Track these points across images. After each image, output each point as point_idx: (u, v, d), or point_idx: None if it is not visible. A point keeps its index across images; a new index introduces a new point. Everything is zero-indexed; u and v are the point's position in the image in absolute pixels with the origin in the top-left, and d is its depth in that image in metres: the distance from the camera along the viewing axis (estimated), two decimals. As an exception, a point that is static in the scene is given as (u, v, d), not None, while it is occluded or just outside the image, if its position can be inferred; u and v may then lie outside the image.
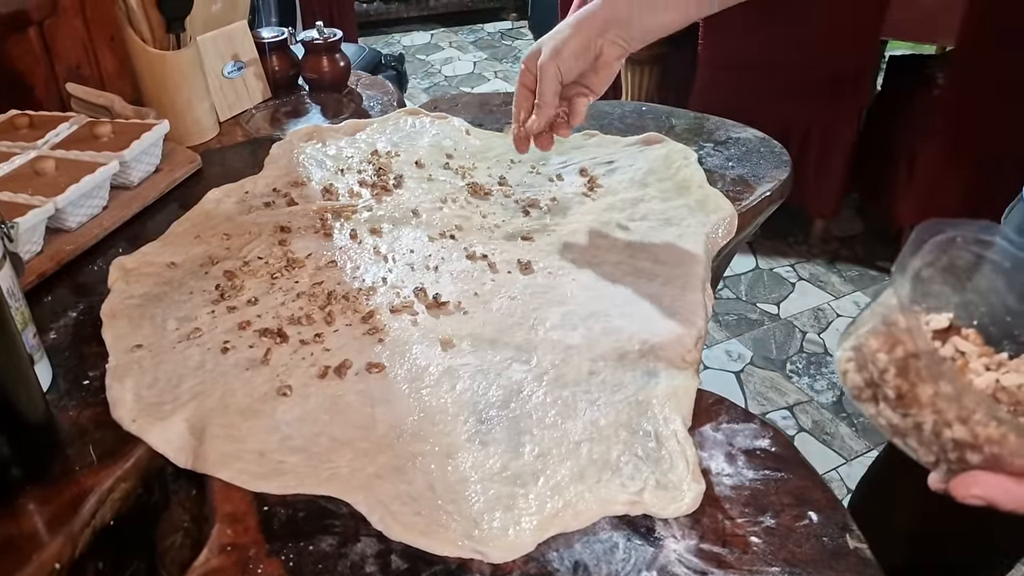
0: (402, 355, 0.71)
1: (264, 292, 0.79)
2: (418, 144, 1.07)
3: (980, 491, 0.40)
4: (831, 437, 1.82)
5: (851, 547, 0.55)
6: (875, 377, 0.43)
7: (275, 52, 1.25)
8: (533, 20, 4.21)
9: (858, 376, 0.44)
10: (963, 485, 0.41)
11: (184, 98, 1.08)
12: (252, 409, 0.66)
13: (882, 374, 0.42)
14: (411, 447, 0.62)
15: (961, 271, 0.47)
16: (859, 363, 0.44)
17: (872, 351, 0.43)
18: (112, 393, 0.67)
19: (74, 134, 0.98)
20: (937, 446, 0.41)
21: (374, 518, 0.57)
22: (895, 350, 0.42)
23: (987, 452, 0.40)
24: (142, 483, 0.63)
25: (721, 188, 0.94)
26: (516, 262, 0.83)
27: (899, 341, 0.42)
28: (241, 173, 1.01)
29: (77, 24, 1.12)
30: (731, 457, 0.62)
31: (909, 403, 0.41)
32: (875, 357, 0.43)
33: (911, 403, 0.41)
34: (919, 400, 0.41)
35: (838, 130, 2.21)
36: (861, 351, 0.44)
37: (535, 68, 0.81)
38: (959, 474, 0.41)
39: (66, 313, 0.79)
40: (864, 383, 0.44)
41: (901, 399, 0.42)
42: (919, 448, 0.42)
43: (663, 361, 0.69)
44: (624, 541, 0.55)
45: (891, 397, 0.42)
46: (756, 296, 2.28)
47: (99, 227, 0.90)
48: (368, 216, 0.92)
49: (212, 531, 0.57)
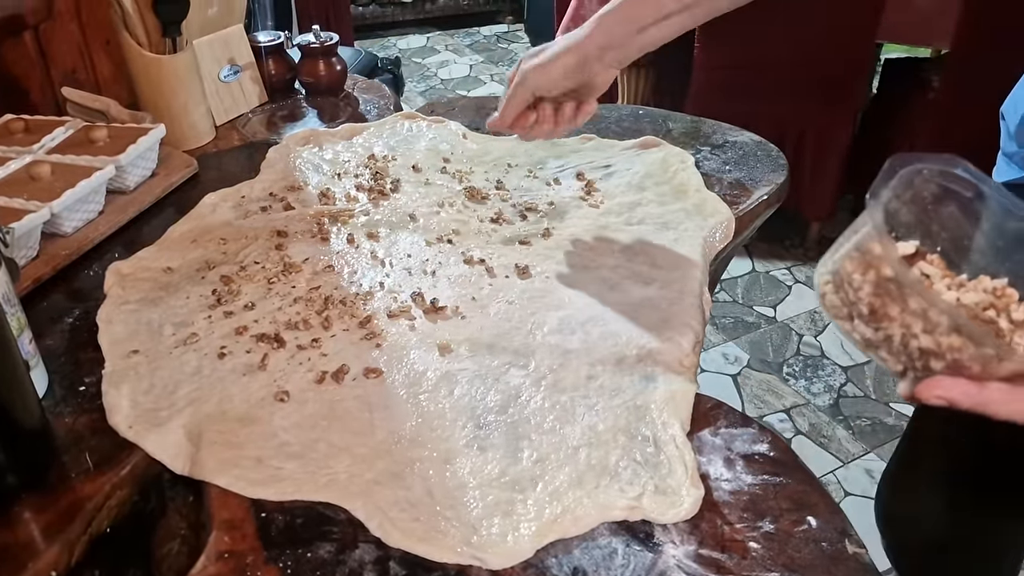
0: (400, 360, 0.71)
1: (261, 297, 0.79)
2: (415, 148, 1.07)
3: (942, 392, 0.45)
4: (828, 440, 1.82)
5: (850, 552, 0.55)
6: (850, 296, 0.48)
7: (271, 56, 1.25)
8: (529, 23, 4.21)
9: (835, 296, 0.49)
10: (927, 388, 0.46)
11: (180, 102, 1.08)
12: (249, 415, 0.65)
13: (856, 292, 0.47)
14: (409, 453, 0.62)
15: (926, 201, 0.52)
16: (836, 284, 0.49)
17: (848, 273, 0.48)
18: (108, 399, 0.67)
19: (70, 138, 0.98)
20: (905, 356, 0.47)
21: (372, 524, 0.56)
22: (868, 272, 0.47)
23: (949, 359, 0.45)
24: (139, 490, 0.62)
25: (718, 192, 0.94)
26: (514, 266, 0.83)
27: (872, 264, 0.47)
28: (238, 177, 1.01)
29: (73, 28, 1.12)
30: (730, 462, 0.62)
31: (880, 318, 0.47)
32: (851, 278, 0.48)
33: (882, 318, 0.46)
34: (889, 315, 0.46)
35: (833, 133, 2.21)
36: (838, 274, 0.49)
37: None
38: (924, 380, 0.46)
39: (62, 319, 0.79)
40: (841, 302, 0.49)
41: (873, 314, 0.47)
42: (889, 359, 0.48)
43: (661, 366, 0.69)
44: (623, 547, 0.55)
45: (864, 313, 0.47)
46: (752, 299, 2.28)
47: (95, 232, 0.90)
48: (365, 220, 0.91)
49: (209, 538, 0.57)
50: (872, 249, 0.46)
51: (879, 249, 0.46)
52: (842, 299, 0.49)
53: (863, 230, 0.47)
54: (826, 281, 0.50)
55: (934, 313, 0.44)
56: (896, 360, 0.47)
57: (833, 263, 0.50)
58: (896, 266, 0.45)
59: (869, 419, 1.87)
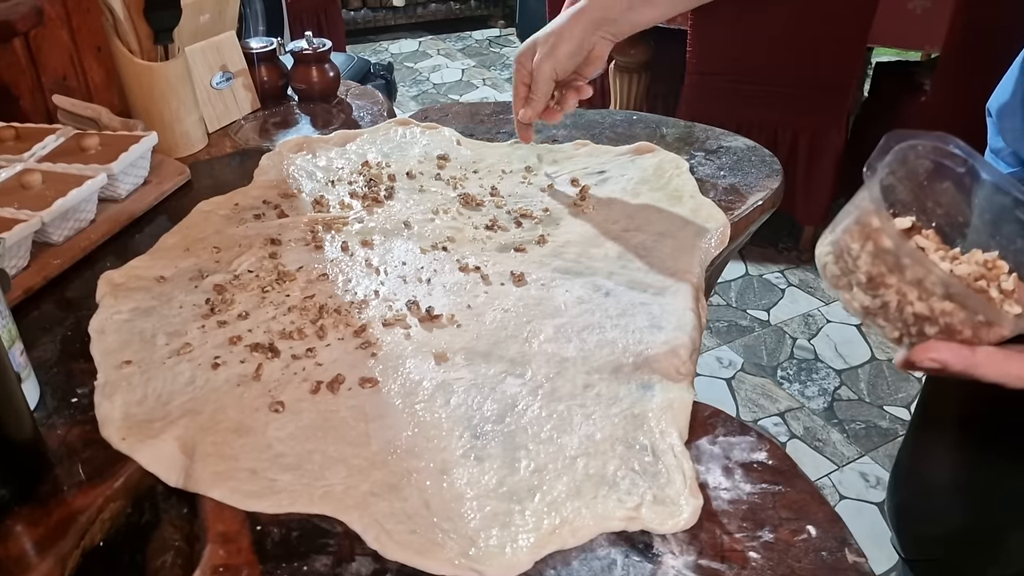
0: (395, 369, 0.71)
1: (255, 306, 0.79)
2: (409, 155, 1.06)
3: (935, 354, 0.48)
4: (823, 444, 1.82)
5: (850, 561, 0.54)
6: (849, 265, 0.50)
7: (264, 63, 1.24)
8: (520, 27, 4.22)
9: (835, 266, 0.52)
10: (922, 350, 0.48)
11: (172, 109, 1.07)
12: (244, 426, 0.65)
13: (855, 262, 0.50)
14: (406, 463, 0.61)
15: (920, 177, 0.55)
16: (836, 255, 0.52)
17: (847, 244, 0.51)
18: (101, 411, 0.67)
19: (61, 147, 0.97)
20: (901, 322, 0.49)
21: (369, 537, 0.56)
22: (867, 243, 0.49)
23: (942, 323, 0.47)
24: (132, 503, 0.62)
25: (713, 197, 0.94)
26: (509, 274, 0.82)
27: (870, 236, 0.49)
28: (230, 185, 1.00)
29: (63, 35, 1.11)
30: (728, 471, 0.61)
31: (877, 286, 0.49)
32: (850, 248, 0.50)
33: (879, 286, 0.49)
34: (886, 283, 0.49)
35: (825, 137, 2.22)
36: (838, 245, 0.52)
37: (530, 65, 0.88)
38: (918, 345, 0.49)
39: (54, 329, 0.78)
40: (840, 272, 0.52)
41: (871, 282, 0.49)
42: (886, 325, 0.50)
43: (658, 373, 0.69)
44: (622, 558, 0.55)
45: (863, 282, 0.50)
46: (746, 303, 2.28)
47: (87, 241, 0.89)
48: (359, 228, 0.91)
49: (204, 552, 0.56)
50: (870, 222, 0.49)
51: (877, 221, 0.48)
52: (842, 268, 0.51)
53: (862, 204, 0.50)
54: (827, 252, 0.53)
55: (929, 281, 0.47)
56: (893, 327, 0.50)
57: (834, 235, 0.52)
58: (893, 237, 0.48)
59: (863, 422, 1.87)
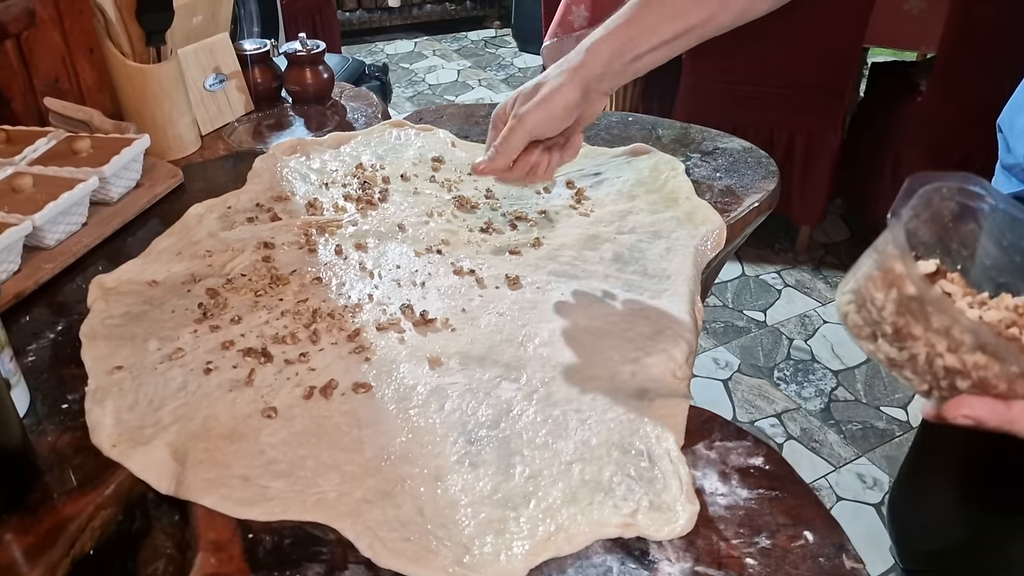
0: (389, 374, 0.70)
1: (248, 310, 0.78)
2: (403, 157, 1.06)
3: (969, 411, 0.45)
4: (820, 445, 1.82)
5: (848, 567, 0.54)
6: (873, 315, 0.48)
7: (257, 64, 1.24)
8: (516, 28, 4.21)
9: (858, 316, 0.49)
10: (954, 406, 0.45)
11: (165, 112, 1.06)
12: (236, 432, 0.64)
13: (880, 312, 0.47)
14: (399, 470, 0.61)
15: (945, 220, 0.52)
16: (859, 304, 0.49)
17: (870, 292, 0.48)
18: (92, 417, 0.66)
19: (52, 149, 0.96)
20: (930, 375, 0.46)
21: (362, 545, 0.55)
22: (891, 291, 0.46)
23: (975, 377, 0.44)
24: (123, 510, 0.61)
25: (709, 199, 0.93)
26: (504, 277, 0.82)
27: (895, 283, 0.46)
28: (223, 188, 1.00)
29: (55, 37, 1.10)
30: (725, 476, 0.61)
31: (904, 337, 0.46)
32: (873, 297, 0.47)
33: (906, 337, 0.46)
34: (913, 334, 0.46)
35: (821, 137, 2.21)
36: (860, 293, 0.49)
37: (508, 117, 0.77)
38: (950, 399, 0.46)
39: (44, 334, 0.77)
40: (864, 322, 0.48)
41: (897, 334, 0.46)
42: (914, 378, 0.47)
43: (654, 377, 0.68)
44: (618, 565, 0.54)
45: (888, 333, 0.47)
46: (743, 303, 2.28)
47: (78, 245, 0.88)
48: (353, 231, 0.90)
49: (196, 560, 0.55)
50: (894, 268, 0.46)
51: (901, 267, 0.46)
52: (865, 318, 0.48)
53: (885, 249, 0.47)
54: (848, 301, 0.50)
55: (958, 331, 0.44)
56: (921, 380, 0.47)
57: (855, 282, 0.50)
58: (919, 284, 0.45)
59: (860, 423, 1.87)
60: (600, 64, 0.73)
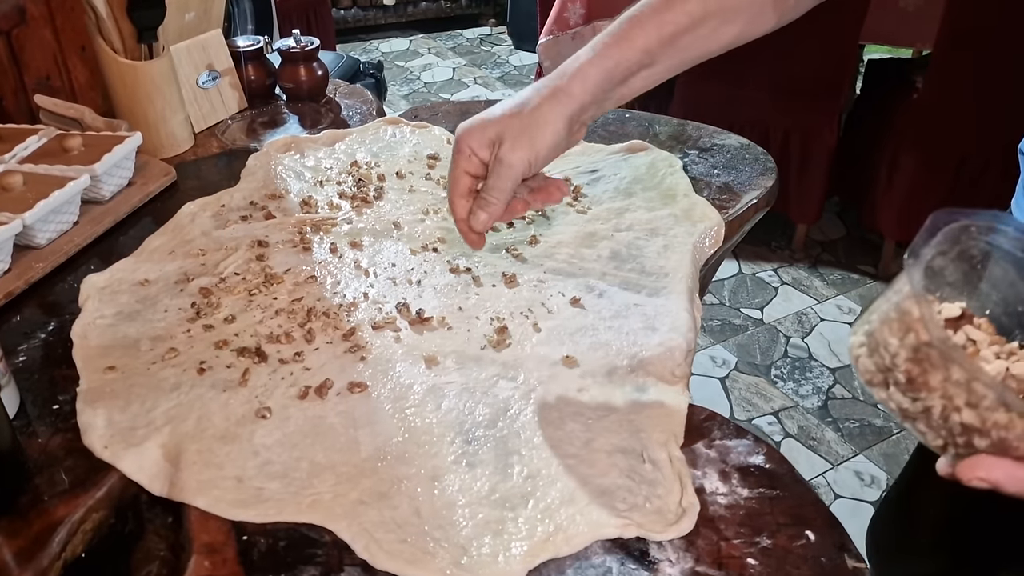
0: (385, 373, 0.69)
1: (242, 310, 0.77)
2: (399, 154, 1.05)
3: (985, 473, 0.41)
4: (817, 442, 1.81)
5: (849, 567, 0.53)
6: (887, 362, 0.44)
7: (251, 61, 1.23)
8: (511, 26, 4.20)
9: (870, 361, 0.45)
10: (969, 468, 0.42)
11: (157, 109, 1.05)
12: (230, 433, 0.63)
13: (893, 359, 0.43)
14: (396, 470, 0.60)
15: (974, 260, 0.48)
16: (871, 348, 0.45)
17: (884, 338, 0.44)
18: (83, 418, 0.65)
19: (43, 147, 0.95)
20: (945, 430, 0.42)
21: (358, 546, 0.55)
22: (907, 337, 0.43)
23: (994, 437, 0.41)
24: (115, 512, 0.60)
25: (707, 196, 0.92)
26: (500, 275, 0.81)
27: (911, 328, 0.43)
28: (217, 186, 0.99)
29: (46, 34, 1.09)
30: (725, 475, 0.60)
31: (919, 388, 0.42)
32: (887, 343, 0.44)
33: (921, 388, 0.42)
34: (929, 385, 0.42)
35: (818, 134, 2.21)
36: (873, 337, 0.45)
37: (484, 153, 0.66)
38: (966, 458, 0.42)
39: (35, 334, 0.76)
40: (876, 368, 0.45)
41: (911, 383, 0.43)
42: (927, 432, 0.44)
43: (653, 376, 0.68)
44: (618, 566, 0.54)
45: (901, 382, 0.43)
46: (739, 301, 2.27)
47: (70, 244, 0.87)
48: (348, 229, 0.90)
49: (189, 563, 0.55)
50: (910, 311, 0.43)
51: (917, 312, 0.42)
52: (877, 364, 0.45)
53: (901, 290, 0.44)
54: (860, 344, 0.46)
55: (979, 385, 0.40)
56: (936, 434, 0.43)
57: (868, 325, 0.46)
58: (935, 330, 0.41)
59: (858, 421, 1.87)
60: (585, 91, 0.65)
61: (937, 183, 2.11)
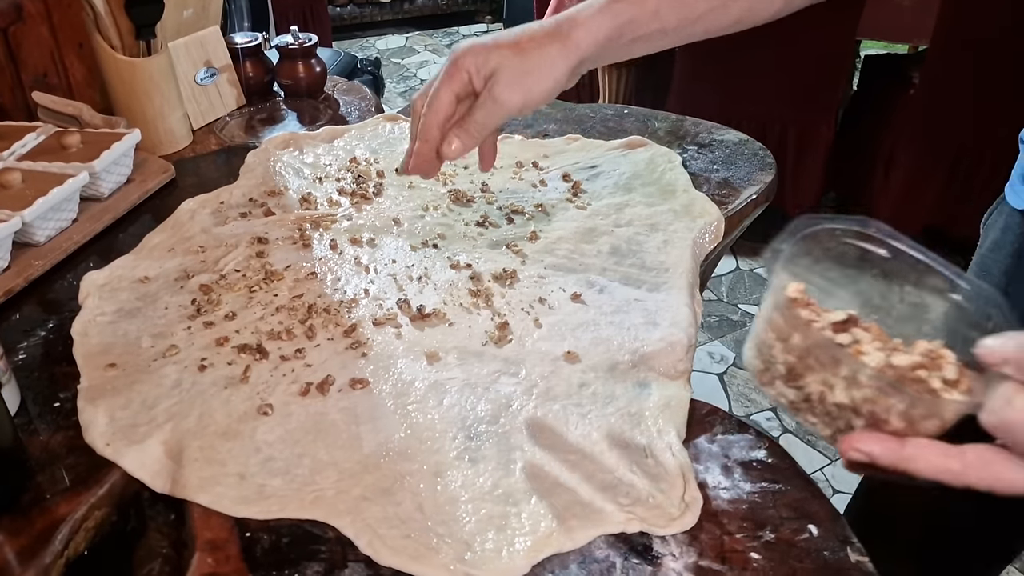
0: (386, 370, 0.69)
1: (242, 306, 0.77)
2: (398, 151, 1.05)
3: (861, 445, 0.43)
4: (815, 437, 1.82)
5: (853, 561, 0.53)
6: (766, 355, 0.47)
7: (249, 58, 1.22)
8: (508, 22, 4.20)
9: (758, 360, 0.48)
10: (847, 442, 0.43)
11: (155, 106, 1.05)
12: (232, 430, 0.63)
13: (770, 351, 0.46)
14: (398, 466, 0.60)
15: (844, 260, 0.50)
16: (757, 348, 0.48)
17: (764, 336, 0.47)
18: (84, 416, 0.65)
19: (41, 145, 0.95)
20: (827, 415, 0.45)
21: (362, 542, 0.54)
22: (781, 332, 0.45)
23: (866, 412, 0.43)
24: (117, 510, 0.60)
25: (706, 192, 0.92)
26: (501, 271, 0.81)
27: (783, 325, 0.45)
28: (216, 183, 0.99)
29: (44, 31, 1.09)
30: (727, 469, 0.60)
31: (797, 376, 0.45)
32: (767, 341, 0.46)
33: (799, 376, 0.45)
34: (804, 371, 0.44)
35: (815, 130, 2.21)
36: (758, 336, 0.48)
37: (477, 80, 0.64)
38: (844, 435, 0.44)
39: (35, 332, 0.76)
40: (764, 366, 0.47)
41: (791, 373, 0.45)
42: (817, 422, 0.46)
43: (654, 371, 0.68)
44: (621, 560, 0.54)
45: (783, 373, 0.46)
46: (737, 297, 2.28)
47: (69, 241, 0.87)
48: (348, 225, 0.89)
49: (192, 560, 0.54)
50: (780, 308, 0.45)
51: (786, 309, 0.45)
52: (764, 361, 0.47)
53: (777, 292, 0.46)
54: (750, 347, 0.49)
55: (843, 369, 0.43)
56: (823, 424, 0.45)
57: (753, 329, 0.49)
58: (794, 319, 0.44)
59: (855, 416, 1.87)
60: (594, 45, 0.64)
61: (933, 178, 2.11)
